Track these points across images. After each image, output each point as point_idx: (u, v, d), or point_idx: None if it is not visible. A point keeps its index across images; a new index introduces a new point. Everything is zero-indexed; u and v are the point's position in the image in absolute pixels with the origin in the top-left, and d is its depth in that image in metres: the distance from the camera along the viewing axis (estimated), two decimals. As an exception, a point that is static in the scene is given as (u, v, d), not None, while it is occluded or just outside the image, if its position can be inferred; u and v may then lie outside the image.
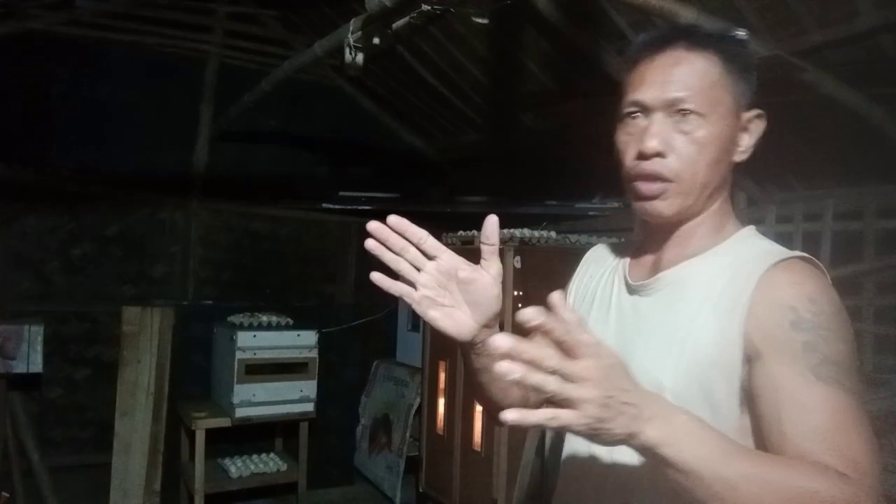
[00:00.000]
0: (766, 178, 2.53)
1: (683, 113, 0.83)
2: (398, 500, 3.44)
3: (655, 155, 0.83)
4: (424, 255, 0.81)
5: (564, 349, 0.61)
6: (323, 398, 3.34)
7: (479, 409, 2.58)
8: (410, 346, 3.66)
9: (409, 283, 0.81)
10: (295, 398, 3.19)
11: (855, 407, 0.72)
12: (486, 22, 2.01)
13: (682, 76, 0.83)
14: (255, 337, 3.09)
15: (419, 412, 3.20)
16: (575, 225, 3.20)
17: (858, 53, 1.92)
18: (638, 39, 0.90)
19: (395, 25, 1.96)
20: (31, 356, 2.84)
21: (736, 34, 0.88)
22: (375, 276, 0.79)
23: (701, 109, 0.82)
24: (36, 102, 3.18)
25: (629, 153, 0.87)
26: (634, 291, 0.93)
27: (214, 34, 3.47)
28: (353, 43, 2.05)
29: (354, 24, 2.04)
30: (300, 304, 3.79)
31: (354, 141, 4.01)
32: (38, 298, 3.18)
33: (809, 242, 2.35)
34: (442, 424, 2.89)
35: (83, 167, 3.23)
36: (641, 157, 0.84)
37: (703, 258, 0.88)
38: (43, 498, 3.06)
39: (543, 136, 3.30)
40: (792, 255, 0.82)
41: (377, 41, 2.07)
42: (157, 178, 3.36)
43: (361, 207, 3.60)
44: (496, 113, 3.48)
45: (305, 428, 3.30)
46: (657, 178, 0.84)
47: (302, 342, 3.22)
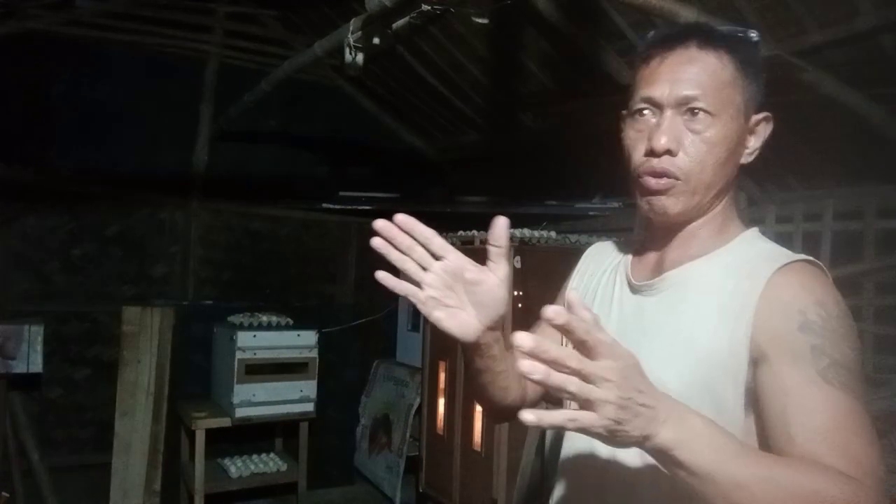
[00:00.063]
0: (766, 178, 2.53)
1: (694, 112, 0.82)
2: (398, 500, 3.44)
3: (665, 152, 0.83)
4: (431, 254, 0.80)
5: (584, 349, 0.60)
6: (323, 398, 3.33)
7: (479, 409, 2.57)
8: (410, 346, 3.66)
9: (414, 282, 0.80)
10: (295, 398, 3.18)
11: (861, 410, 0.73)
12: (486, 22, 2.01)
13: (694, 75, 0.82)
14: (255, 337, 3.09)
15: (419, 412, 3.20)
16: (575, 225, 3.20)
17: (858, 53, 1.92)
18: (650, 36, 0.89)
19: (395, 25, 1.96)
20: (31, 356, 2.84)
21: (749, 35, 0.87)
22: (381, 275, 0.78)
23: (711, 109, 0.82)
24: (36, 102, 3.17)
25: (638, 150, 0.86)
26: (638, 291, 0.93)
27: (214, 34, 3.47)
28: (353, 43, 2.05)
29: (354, 24, 2.04)
30: (300, 304, 3.78)
31: (354, 141, 4.01)
32: (38, 298, 3.18)
33: (809, 242, 2.35)
34: (442, 424, 2.89)
35: (83, 167, 3.23)
36: (651, 153, 0.84)
37: (707, 259, 0.88)
38: (43, 498, 3.06)
39: (543, 136, 3.30)
40: (798, 258, 0.81)
41: (377, 41, 2.07)
42: (157, 178, 3.36)
43: (361, 207, 3.60)
44: (496, 113, 3.48)
45: (305, 428, 3.30)
46: (665, 175, 0.84)
47: (302, 342, 3.22)
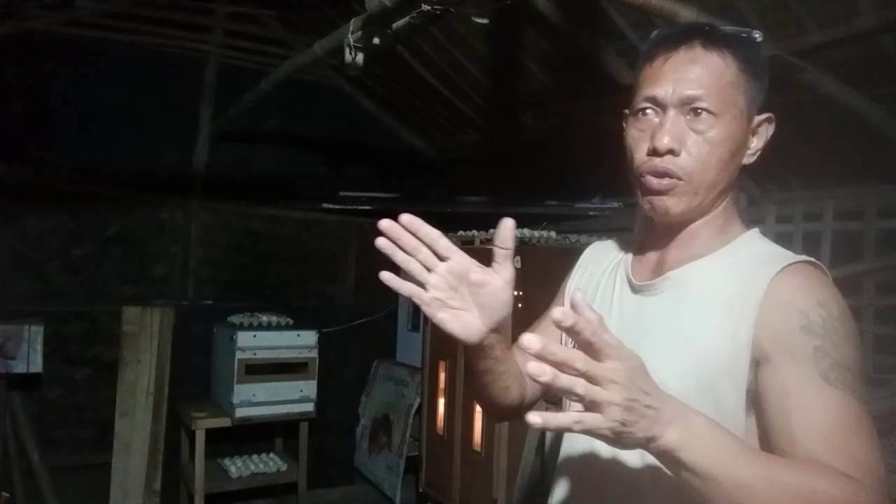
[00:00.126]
0: (766, 178, 2.53)
1: (697, 112, 0.82)
2: (398, 500, 3.43)
3: (668, 152, 0.83)
4: (436, 255, 0.79)
5: (590, 350, 0.60)
6: (323, 398, 3.33)
7: (479, 409, 2.58)
8: (410, 346, 3.66)
9: (417, 283, 0.79)
10: (295, 398, 3.18)
11: (863, 411, 0.73)
12: (486, 22, 2.01)
13: (697, 75, 0.82)
14: (255, 337, 3.09)
15: (419, 412, 3.20)
16: (575, 225, 3.20)
17: (858, 53, 1.92)
18: (654, 35, 0.89)
19: (395, 25, 1.96)
20: (31, 356, 2.84)
21: (752, 35, 0.87)
22: (385, 275, 0.77)
23: (715, 109, 0.82)
24: (36, 102, 3.18)
25: (640, 149, 0.86)
26: (638, 291, 0.93)
27: (214, 34, 3.47)
28: (353, 43, 2.05)
29: (354, 24, 2.04)
30: (300, 304, 3.78)
31: (354, 141, 4.01)
32: (38, 298, 3.18)
33: (809, 242, 2.35)
34: (442, 424, 2.89)
35: (83, 167, 3.23)
36: (653, 153, 0.84)
37: (708, 260, 0.88)
38: (43, 498, 3.06)
39: (543, 136, 3.30)
40: (799, 259, 0.81)
41: (377, 41, 2.07)
42: (157, 178, 3.36)
43: (361, 207, 3.60)
44: (496, 113, 3.48)
45: (305, 428, 3.30)
46: (668, 175, 0.84)
47: (302, 342, 3.22)
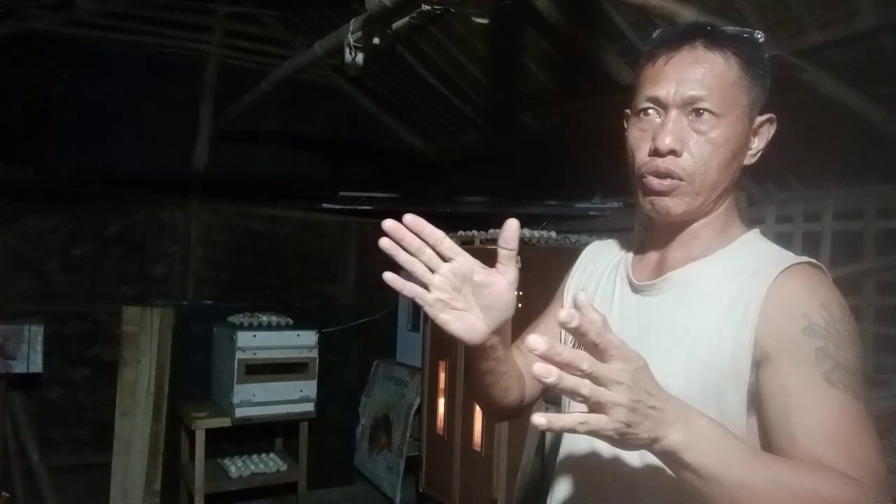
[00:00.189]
0: (766, 178, 2.53)
1: (699, 112, 0.82)
2: (398, 500, 3.44)
3: (669, 153, 0.82)
4: (440, 256, 0.79)
5: (595, 351, 0.60)
6: (323, 398, 3.33)
7: (479, 408, 2.57)
8: (410, 346, 3.66)
9: (420, 283, 0.79)
10: (295, 398, 3.18)
11: (864, 413, 0.73)
12: (486, 22, 2.01)
13: (700, 75, 0.82)
14: (255, 337, 3.09)
15: (419, 412, 3.20)
16: (575, 225, 3.20)
17: (858, 53, 1.92)
18: (656, 35, 0.89)
19: (395, 25, 1.96)
20: (31, 356, 2.84)
21: (754, 36, 0.87)
22: (388, 276, 0.77)
23: (717, 110, 0.82)
24: (36, 102, 3.18)
25: (642, 149, 0.86)
26: (639, 291, 0.93)
27: (214, 34, 3.48)
28: (353, 43, 2.06)
29: (354, 24, 2.04)
30: (300, 304, 3.78)
31: (354, 141, 4.01)
32: (38, 298, 3.18)
33: (809, 242, 2.35)
34: (442, 424, 2.89)
35: (83, 167, 3.23)
36: (655, 153, 0.84)
37: (709, 260, 0.87)
38: (43, 498, 3.06)
39: (543, 136, 3.30)
40: (801, 260, 0.81)
41: (377, 41, 2.07)
42: (157, 178, 3.36)
43: (361, 207, 3.60)
44: (496, 113, 3.48)
45: (305, 428, 3.30)
46: (669, 175, 0.83)
47: (302, 342, 3.22)
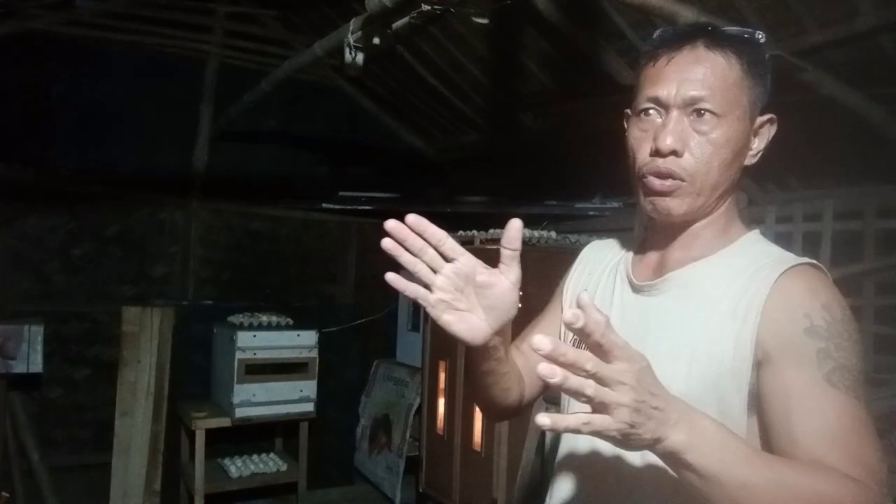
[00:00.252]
0: (766, 178, 2.53)
1: (700, 112, 0.82)
2: (398, 500, 3.43)
3: (671, 153, 0.82)
4: (442, 256, 0.78)
5: (599, 351, 0.60)
6: (323, 398, 3.33)
7: (478, 409, 2.57)
8: (410, 346, 3.66)
9: (423, 284, 0.78)
10: (295, 398, 3.18)
11: (865, 414, 0.73)
12: (486, 22, 2.01)
13: (701, 75, 0.82)
14: (255, 337, 3.09)
15: (419, 412, 3.20)
16: (575, 225, 3.20)
17: (858, 53, 1.92)
18: (657, 35, 0.89)
19: (395, 25, 1.96)
20: (31, 356, 2.84)
21: (756, 36, 0.87)
22: (390, 276, 0.77)
23: (718, 110, 0.82)
24: (36, 102, 3.17)
25: (642, 149, 0.86)
26: (639, 291, 0.93)
27: (214, 34, 3.47)
28: (353, 43, 2.06)
29: (354, 24, 2.04)
30: (300, 304, 3.78)
31: (354, 141, 4.01)
32: (38, 298, 3.18)
33: (809, 242, 2.35)
34: (442, 424, 2.89)
35: (83, 167, 3.23)
36: (656, 154, 0.83)
37: (710, 261, 0.87)
38: (43, 498, 3.06)
39: (543, 136, 3.30)
40: (802, 261, 0.81)
41: (377, 41, 2.07)
42: (157, 178, 3.36)
43: (361, 207, 3.60)
44: (496, 113, 3.48)
45: (305, 428, 3.30)
46: (671, 176, 0.83)
47: (302, 342, 3.22)
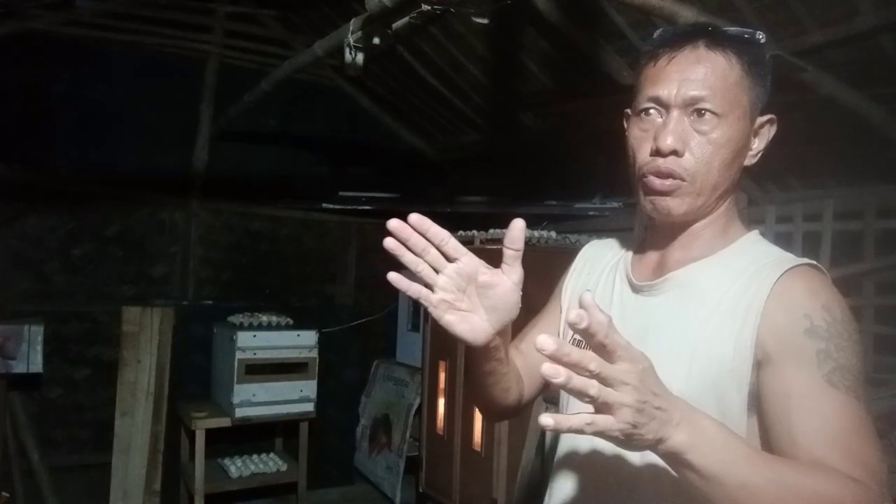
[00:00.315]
0: (766, 178, 2.53)
1: (701, 112, 0.82)
2: (398, 500, 3.44)
3: (671, 153, 0.82)
4: (445, 256, 0.78)
5: (602, 352, 0.60)
6: (323, 398, 3.33)
7: (477, 409, 2.57)
8: (410, 346, 3.66)
9: (425, 284, 0.78)
10: (295, 398, 3.18)
11: (865, 414, 0.73)
12: (486, 22, 2.01)
13: (702, 75, 0.82)
14: (255, 337, 3.09)
15: (419, 412, 3.20)
16: (575, 225, 3.20)
17: (858, 53, 1.92)
18: (657, 35, 0.89)
19: (395, 25, 1.95)
20: (31, 356, 2.84)
21: (756, 36, 0.87)
22: (392, 276, 0.77)
23: (718, 110, 0.82)
24: (36, 102, 3.18)
25: (643, 149, 0.86)
26: (639, 291, 0.93)
27: (214, 34, 3.48)
28: (353, 43, 2.06)
29: (354, 24, 2.04)
30: (300, 304, 3.79)
31: (354, 141, 4.02)
32: (38, 298, 3.18)
33: (809, 242, 2.35)
34: (442, 424, 2.89)
35: (83, 167, 3.23)
36: (657, 153, 0.83)
37: (710, 261, 0.87)
38: (43, 498, 3.06)
39: (543, 136, 3.30)
40: (802, 262, 0.81)
41: (377, 41, 2.07)
42: (157, 178, 3.36)
43: (361, 207, 3.60)
44: (496, 113, 3.48)
45: (305, 428, 3.30)
46: (671, 176, 0.83)
47: (302, 342, 3.22)
